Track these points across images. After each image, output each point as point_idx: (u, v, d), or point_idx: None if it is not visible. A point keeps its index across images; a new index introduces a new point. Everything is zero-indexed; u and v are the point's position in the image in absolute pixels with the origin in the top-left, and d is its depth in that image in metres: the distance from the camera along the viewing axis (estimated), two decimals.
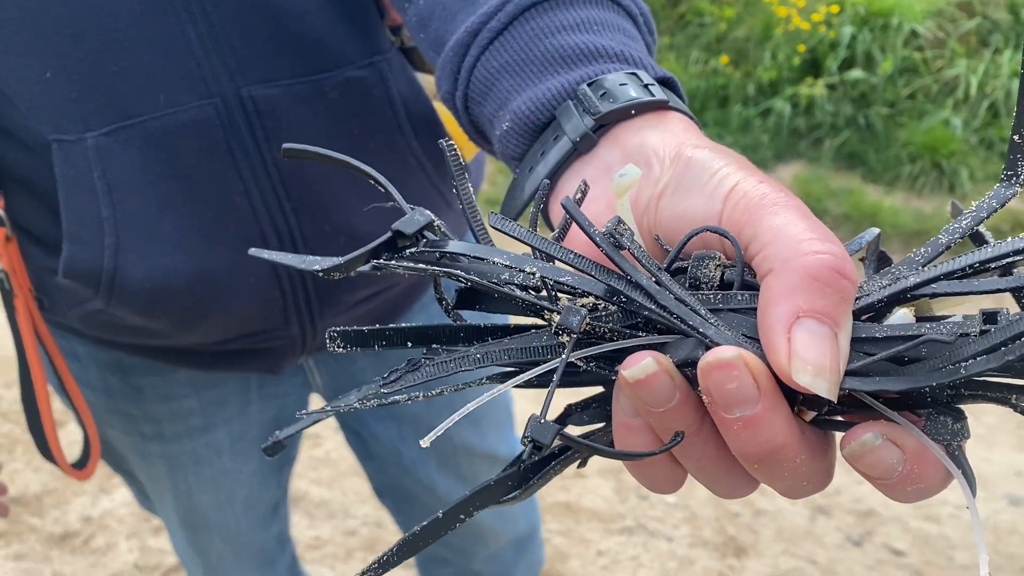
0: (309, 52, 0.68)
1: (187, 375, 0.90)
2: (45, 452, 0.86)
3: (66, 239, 0.69)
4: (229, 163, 0.68)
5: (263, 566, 1.17)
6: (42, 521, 2.16)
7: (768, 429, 0.30)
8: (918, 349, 0.29)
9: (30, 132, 0.68)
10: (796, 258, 0.29)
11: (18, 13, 0.63)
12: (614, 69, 0.41)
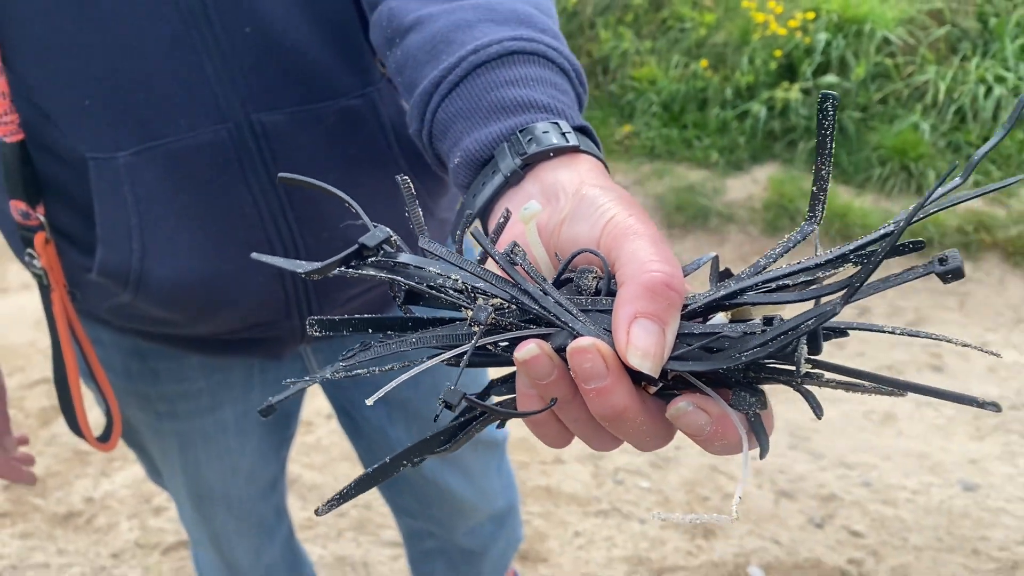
0: (310, 84, 0.77)
1: (198, 360, 1.00)
2: (74, 427, 0.97)
3: (100, 243, 0.78)
4: (240, 179, 0.78)
5: (262, 535, 1.27)
6: (46, 502, 2.25)
7: (614, 397, 0.39)
8: (721, 342, 0.39)
9: (69, 150, 0.77)
10: (640, 275, 0.39)
11: (64, 50, 0.72)
12: (541, 119, 0.51)
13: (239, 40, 0.73)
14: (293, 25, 0.74)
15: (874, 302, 3.15)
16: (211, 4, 0.71)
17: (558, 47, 0.57)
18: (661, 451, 2.42)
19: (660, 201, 3.60)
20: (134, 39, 0.72)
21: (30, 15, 0.71)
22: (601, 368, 0.38)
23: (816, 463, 2.37)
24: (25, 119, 0.76)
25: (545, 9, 0.61)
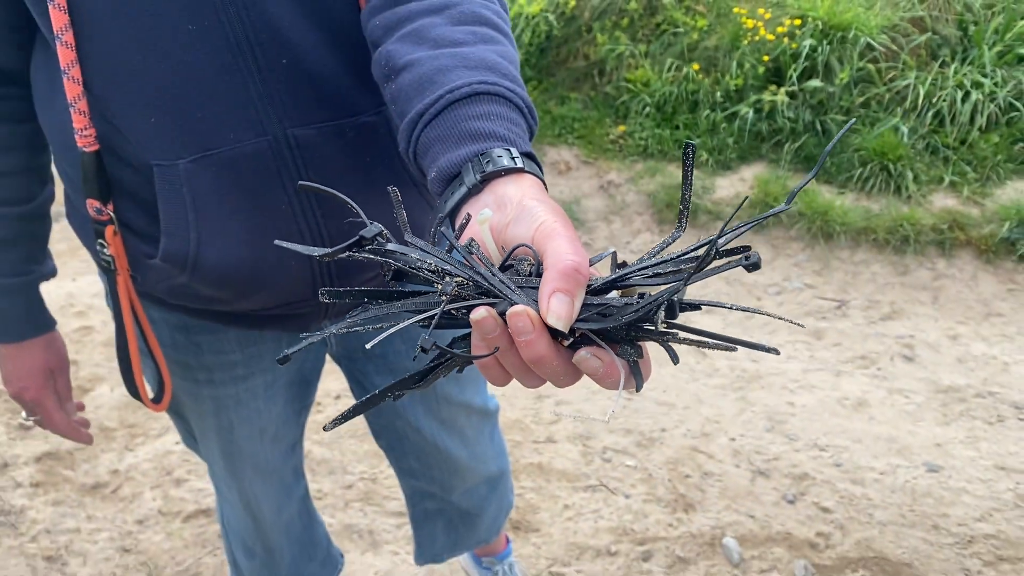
0: (335, 104, 0.93)
1: (236, 334, 1.16)
2: (132, 390, 1.13)
3: (163, 234, 0.94)
4: (278, 181, 0.93)
5: (282, 491, 1.44)
6: (75, 473, 2.42)
7: (538, 347, 0.55)
8: (610, 309, 0.54)
9: (137, 158, 0.92)
10: (558, 263, 0.55)
11: (133, 77, 0.87)
12: (498, 146, 0.68)
13: (277, 69, 0.89)
14: (321, 56, 0.90)
15: (851, 294, 3.31)
16: (254, 39, 0.87)
17: (515, 89, 0.73)
18: (646, 432, 2.58)
19: (652, 198, 3.76)
20: (192, 68, 0.87)
21: (107, 48, 0.87)
22: (529, 326, 0.54)
23: (791, 444, 2.53)
24: (101, 133, 0.92)
25: (509, 58, 0.77)
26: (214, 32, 0.86)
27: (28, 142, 1.06)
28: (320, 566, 1.63)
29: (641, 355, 0.55)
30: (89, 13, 0.84)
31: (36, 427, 1.22)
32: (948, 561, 2.09)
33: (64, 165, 0.99)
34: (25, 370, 1.15)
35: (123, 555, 2.13)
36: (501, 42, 0.77)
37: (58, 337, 1.20)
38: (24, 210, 1.08)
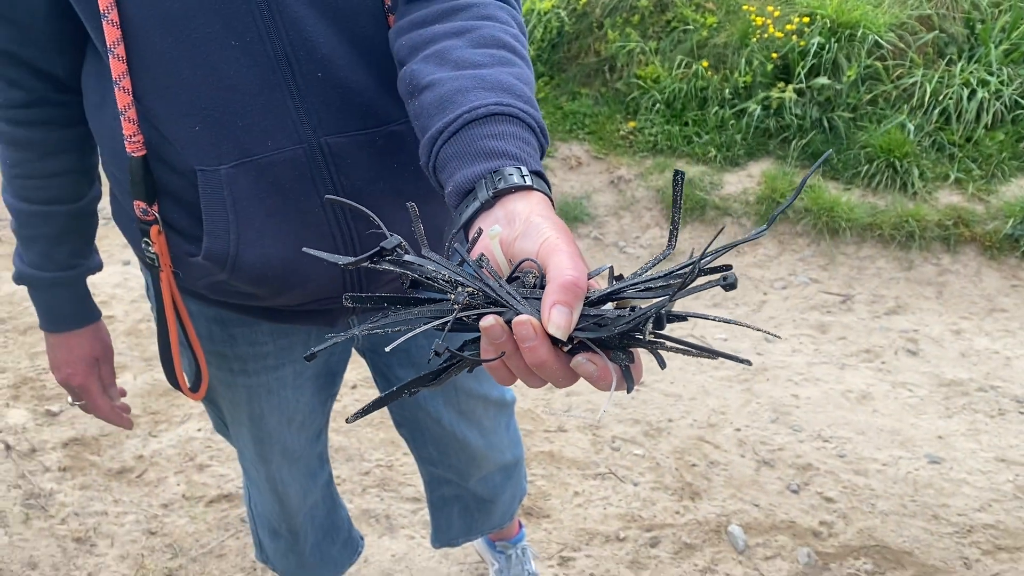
0: (365, 114, 0.99)
1: (268, 327, 1.22)
2: (171, 379, 1.20)
3: (205, 235, 1.00)
4: (312, 187, 0.99)
5: (307, 476, 1.51)
6: (101, 458, 2.50)
7: (540, 352, 0.61)
8: (604, 320, 0.60)
9: (181, 163, 0.98)
10: (559, 277, 0.61)
11: (180, 88, 0.93)
12: (510, 164, 0.73)
13: (313, 82, 0.95)
14: (352, 70, 0.96)
15: (856, 290, 3.36)
16: (292, 55, 0.94)
17: (529, 111, 0.79)
18: (654, 422, 2.65)
19: (660, 194, 3.82)
20: (233, 80, 0.93)
21: (157, 62, 0.93)
22: (532, 334, 0.60)
23: (795, 436, 2.59)
24: (148, 139, 0.98)
25: (525, 80, 0.83)
26: (256, 48, 0.92)
27: (78, 145, 1.12)
28: (341, 548, 1.70)
29: (632, 360, 0.61)
30: (140, 29, 0.91)
31: (73, 411, 1.29)
32: (948, 550, 2.15)
33: (113, 168, 1.06)
34: (73, 358, 1.23)
35: (149, 537, 2.21)
36: (518, 64, 0.83)
37: (103, 327, 1.27)
38: (73, 208, 1.15)
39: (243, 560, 2.14)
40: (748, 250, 3.60)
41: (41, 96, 1.06)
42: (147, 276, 1.20)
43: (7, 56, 1.03)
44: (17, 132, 1.08)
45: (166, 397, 2.78)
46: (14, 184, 1.12)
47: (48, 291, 1.18)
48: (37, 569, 2.10)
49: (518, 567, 1.94)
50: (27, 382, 2.88)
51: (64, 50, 1.03)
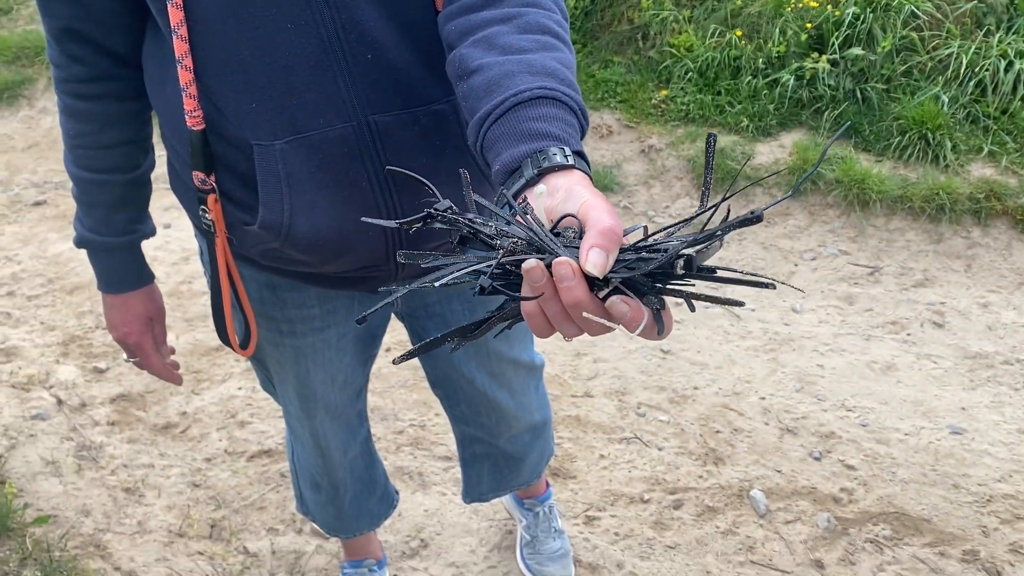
0: (410, 93, 1.04)
1: (315, 292, 1.29)
2: (223, 337, 1.28)
3: (261, 206, 1.06)
4: (359, 162, 1.05)
5: (347, 431, 1.59)
6: (147, 414, 2.61)
7: (577, 291, 0.65)
8: (637, 264, 0.64)
9: (238, 138, 1.05)
10: (597, 224, 0.65)
11: (238, 68, 0.99)
12: (554, 145, 0.78)
13: (362, 63, 1.01)
14: (400, 52, 1.02)
15: (884, 261, 3.38)
16: (344, 38, 0.99)
17: (571, 94, 0.83)
18: (679, 389, 2.71)
19: (691, 163, 3.84)
20: (288, 61, 0.99)
21: (218, 43, 0.99)
22: (570, 273, 0.65)
23: (819, 405, 2.64)
24: (207, 114, 1.05)
25: (568, 64, 0.87)
26: (309, 31, 0.98)
27: (135, 117, 1.20)
28: (378, 501, 1.79)
29: (663, 305, 0.66)
30: (202, 12, 0.97)
31: (119, 368, 1.36)
32: (966, 518, 2.20)
33: (173, 141, 1.13)
34: (129, 317, 1.31)
35: (194, 489, 2.32)
36: (561, 49, 0.88)
37: (156, 289, 1.35)
38: (130, 177, 1.23)
39: (282, 512, 2.24)
40: (778, 221, 3.62)
41: (103, 71, 1.13)
42: (202, 242, 1.28)
43: (72, 33, 1.10)
44: (79, 105, 1.15)
45: (208, 356, 2.89)
46: (75, 153, 1.19)
47: (106, 254, 1.26)
48: (90, 516, 2.22)
49: (545, 524, 2.03)
50: (75, 340, 3.00)
51: (125, 28, 1.10)
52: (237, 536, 2.17)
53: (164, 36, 1.04)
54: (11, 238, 3.85)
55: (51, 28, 1.09)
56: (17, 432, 2.50)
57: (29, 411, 2.60)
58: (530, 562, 2.02)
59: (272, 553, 2.12)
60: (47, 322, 3.13)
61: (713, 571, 2.06)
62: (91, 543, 2.13)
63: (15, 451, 2.42)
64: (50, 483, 2.32)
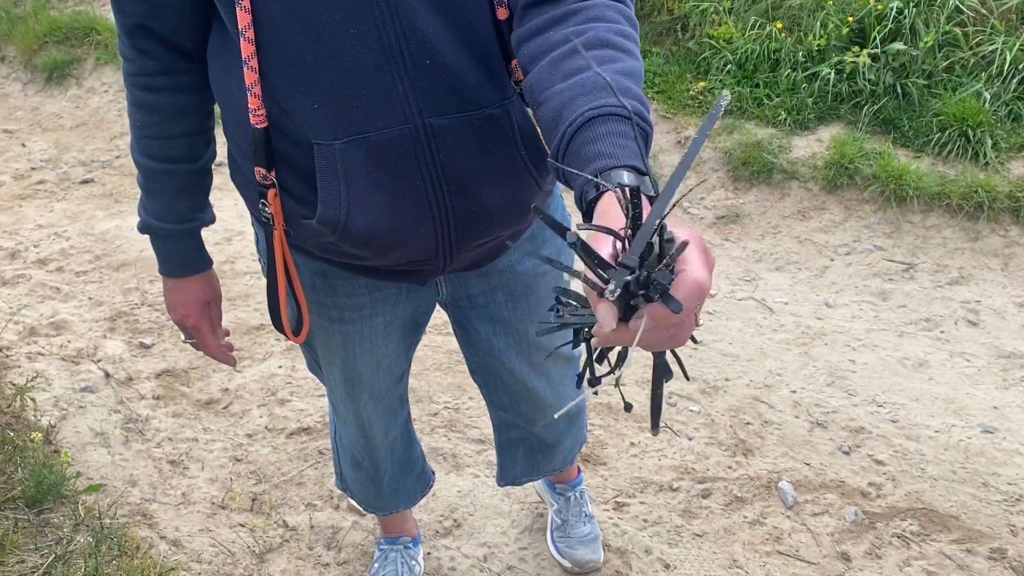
0: (466, 98, 1.08)
1: (365, 281, 1.33)
2: (277, 323, 1.34)
3: (319, 202, 1.10)
4: (415, 163, 1.09)
5: (389, 415, 1.65)
6: (190, 390, 2.70)
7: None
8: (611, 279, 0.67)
9: (299, 135, 1.09)
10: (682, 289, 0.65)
11: (302, 70, 1.04)
12: (607, 166, 0.78)
13: (421, 68, 1.05)
14: (457, 57, 1.06)
15: (920, 258, 3.37)
16: (404, 43, 1.03)
17: (621, 104, 0.84)
18: (710, 380, 2.74)
19: (728, 155, 3.84)
20: (351, 65, 1.04)
21: (283, 45, 1.04)
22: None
23: (850, 399, 2.65)
24: (270, 113, 1.09)
25: (627, 71, 0.88)
26: (371, 36, 1.02)
27: (199, 109, 1.25)
28: (415, 481, 1.85)
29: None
30: (269, 16, 1.02)
31: (164, 344, 1.41)
32: (995, 517, 2.21)
33: (235, 135, 1.18)
34: (188, 300, 1.37)
35: (235, 464, 2.40)
36: (621, 59, 0.91)
37: (214, 274, 1.41)
38: (193, 167, 1.28)
39: (321, 489, 2.32)
40: (813, 215, 3.62)
41: (170, 66, 1.19)
42: (260, 232, 1.33)
43: (142, 29, 1.15)
44: (148, 97, 1.21)
45: (249, 335, 2.97)
46: (142, 143, 1.25)
47: (168, 240, 1.32)
48: (137, 487, 2.31)
49: (576, 508, 2.08)
50: (122, 316, 3.09)
51: (193, 25, 1.15)
52: (277, 510, 2.24)
53: (229, 35, 1.09)
54: (60, 214, 3.96)
55: (123, 24, 1.15)
56: (67, 403, 2.59)
57: (79, 383, 2.69)
58: (560, 545, 2.07)
59: (311, 527, 2.19)
60: (95, 297, 3.22)
61: (740, 560, 2.10)
62: (138, 512, 2.22)
63: (66, 422, 2.52)
64: (99, 453, 2.41)
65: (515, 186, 1.16)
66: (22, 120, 5.09)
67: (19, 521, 1.94)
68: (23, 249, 3.60)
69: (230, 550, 2.11)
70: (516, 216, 1.21)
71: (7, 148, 4.72)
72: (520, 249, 1.38)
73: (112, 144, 4.71)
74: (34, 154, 4.64)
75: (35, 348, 2.88)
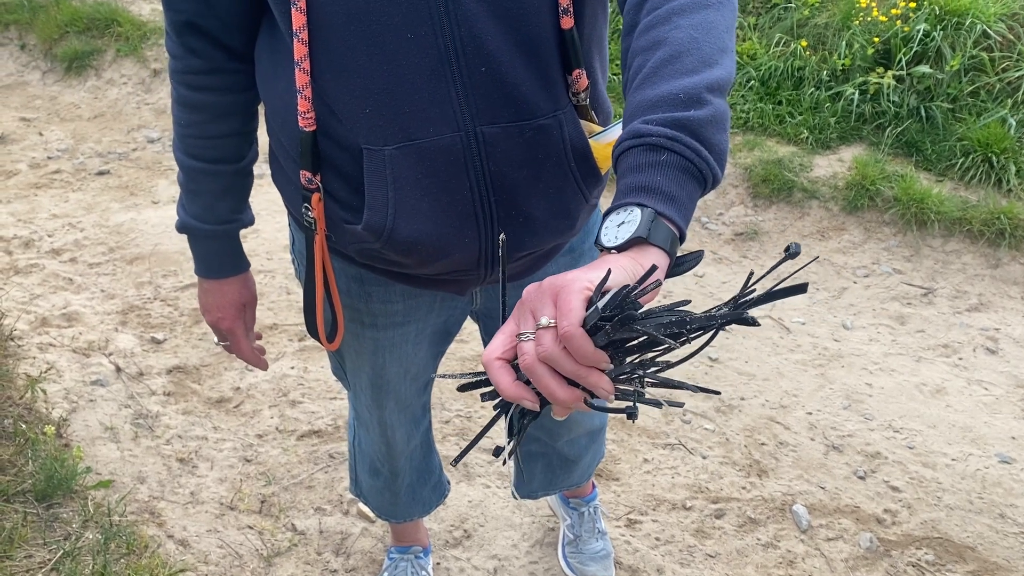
0: (519, 107, 1.05)
1: (401, 288, 1.30)
2: (312, 329, 1.31)
3: (366, 208, 1.08)
4: (463, 171, 1.07)
5: (412, 422, 1.62)
6: (201, 387, 2.67)
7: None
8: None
9: (348, 140, 1.07)
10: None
11: (356, 74, 1.02)
12: (626, 207, 0.79)
13: (476, 75, 1.03)
14: (514, 66, 1.03)
15: (939, 283, 3.35)
16: (460, 49, 1.01)
17: (651, 131, 0.81)
18: (726, 399, 2.71)
19: (748, 172, 3.82)
20: (405, 70, 1.01)
21: (338, 48, 1.01)
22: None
23: (866, 424, 2.63)
24: (319, 116, 1.07)
25: (686, 73, 0.85)
26: (428, 41, 1.00)
27: (244, 110, 1.23)
28: (432, 490, 1.83)
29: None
30: (325, 17, 1.00)
31: (176, 340, 1.39)
32: (1012, 549, 2.18)
33: (282, 138, 1.16)
34: (224, 303, 1.35)
35: (245, 464, 2.38)
36: (705, 12, 0.87)
37: (251, 277, 1.39)
38: (235, 168, 1.26)
39: (330, 493, 2.29)
40: (833, 235, 3.60)
41: (217, 64, 1.17)
42: (299, 235, 1.31)
43: (191, 27, 1.13)
44: (193, 96, 1.19)
45: (263, 334, 2.95)
46: (185, 142, 1.23)
47: (207, 241, 1.30)
48: (145, 483, 2.28)
49: (589, 524, 2.05)
50: (134, 309, 3.07)
51: (243, 25, 1.13)
52: (286, 513, 2.22)
53: (280, 35, 1.07)
54: (75, 205, 3.95)
55: (173, 21, 1.13)
56: (78, 396, 2.57)
57: (89, 376, 2.67)
58: (572, 560, 2.04)
59: (319, 532, 2.16)
60: (107, 290, 3.21)
61: None
62: (146, 510, 2.19)
63: (76, 415, 2.50)
64: (108, 448, 2.39)
65: (562, 199, 1.14)
66: (40, 109, 5.09)
67: (28, 515, 1.92)
68: (37, 238, 3.59)
69: (238, 552, 2.09)
70: (560, 229, 1.18)
71: (24, 136, 4.72)
72: (557, 263, 1.36)
73: (129, 136, 4.70)
74: (51, 143, 4.63)
75: (46, 339, 2.86)
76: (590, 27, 1.10)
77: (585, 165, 1.13)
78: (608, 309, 0.69)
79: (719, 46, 0.87)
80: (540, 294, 0.75)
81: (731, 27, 0.91)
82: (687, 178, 0.81)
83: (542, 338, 0.72)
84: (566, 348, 0.72)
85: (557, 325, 0.72)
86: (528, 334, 0.74)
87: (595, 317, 0.69)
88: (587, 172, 1.14)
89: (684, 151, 0.81)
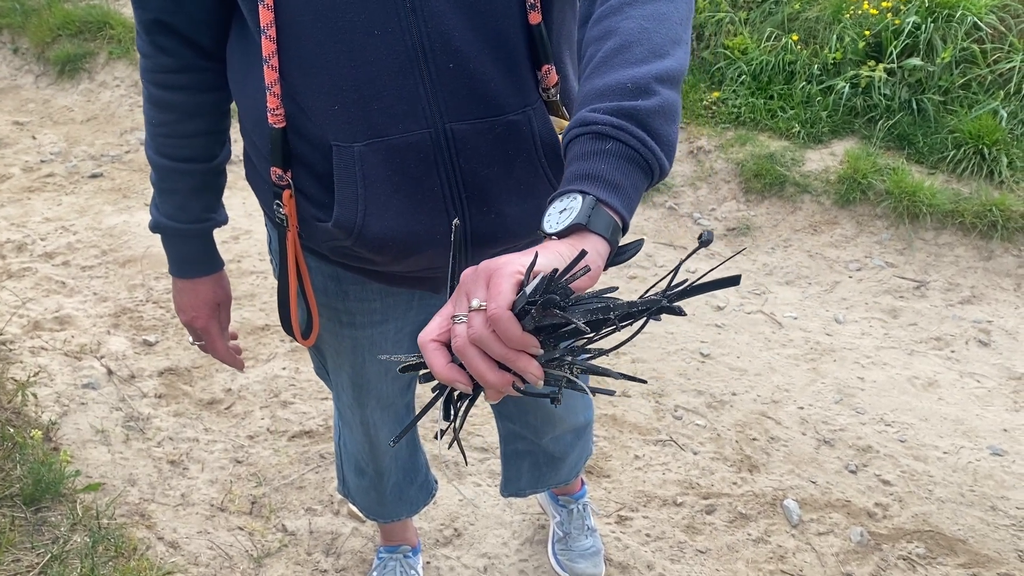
0: (488, 103, 1.05)
1: (378, 287, 1.31)
2: (286, 326, 1.31)
3: (336, 204, 1.08)
4: (434, 168, 1.07)
5: (396, 422, 1.61)
6: (192, 389, 2.68)
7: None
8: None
9: (317, 137, 1.07)
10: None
11: (324, 70, 1.02)
12: (568, 194, 0.82)
13: (444, 72, 1.03)
14: (481, 62, 1.03)
15: (931, 276, 3.34)
16: (428, 46, 1.01)
17: (597, 119, 0.83)
18: (717, 395, 2.71)
19: (740, 167, 3.82)
20: (373, 67, 1.01)
21: (305, 45, 1.01)
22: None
23: (858, 418, 2.62)
24: (289, 113, 1.07)
25: (633, 67, 0.86)
26: (395, 38, 1.00)
27: (215, 109, 1.23)
28: (418, 489, 1.83)
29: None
30: (292, 14, 1.00)
31: (168, 342, 1.40)
32: (1003, 541, 2.18)
33: (252, 135, 1.16)
34: (198, 302, 1.35)
35: (236, 465, 2.38)
36: (629, 49, 0.87)
37: (225, 276, 1.39)
38: (207, 167, 1.26)
39: (321, 493, 2.29)
40: (825, 229, 3.59)
41: (187, 63, 1.17)
42: (273, 233, 1.31)
43: (160, 25, 1.13)
44: (164, 95, 1.19)
45: (254, 335, 2.95)
46: (157, 141, 1.23)
47: (180, 240, 1.30)
48: (136, 486, 2.28)
49: (578, 521, 2.05)
50: (126, 312, 3.07)
51: (212, 23, 1.13)
52: (276, 514, 2.22)
53: (250, 33, 1.07)
54: (68, 208, 3.95)
55: (142, 19, 1.13)
56: (69, 400, 2.58)
57: (81, 379, 2.67)
58: (561, 558, 2.04)
59: (310, 533, 2.17)
60: (100, 293, 3.21)
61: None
62: (136, 512, 2.20)
63: (67, 418, 2.50)
64: (99, 451, 2.39)
65: (533, 195, 1.13)
66: (33, 112, 5.09)
67: (16, 519, 1.92)
68: (30, 242, 3.59)
69: (228, 553, 2.09)
70: (533, 226, 1.18)
71: (17, 140, 4.72)
72: None
73: (122, 139, 4.70)
74: (44, 147, 4.63)
75: (38, 343, 2.87)
76: (559, 22, 1.10)
77: (556, 160, 1.13)
78: (536, 294, 0.69)
79: (671, 37, 0.88)
80: (475, 277, 0.75)
81: (685, 19, 0.91)
82: (632, 167, 0.81)
83: (473, 320, 0.73)
84: (495, 331, 0.72)
85: (486, 307, 0.72)
86: (461, 316, 0.74)
87: (523, 301, 0.70)
88: (558, 167, 1.14)
89: (629, 140, 0.81)
